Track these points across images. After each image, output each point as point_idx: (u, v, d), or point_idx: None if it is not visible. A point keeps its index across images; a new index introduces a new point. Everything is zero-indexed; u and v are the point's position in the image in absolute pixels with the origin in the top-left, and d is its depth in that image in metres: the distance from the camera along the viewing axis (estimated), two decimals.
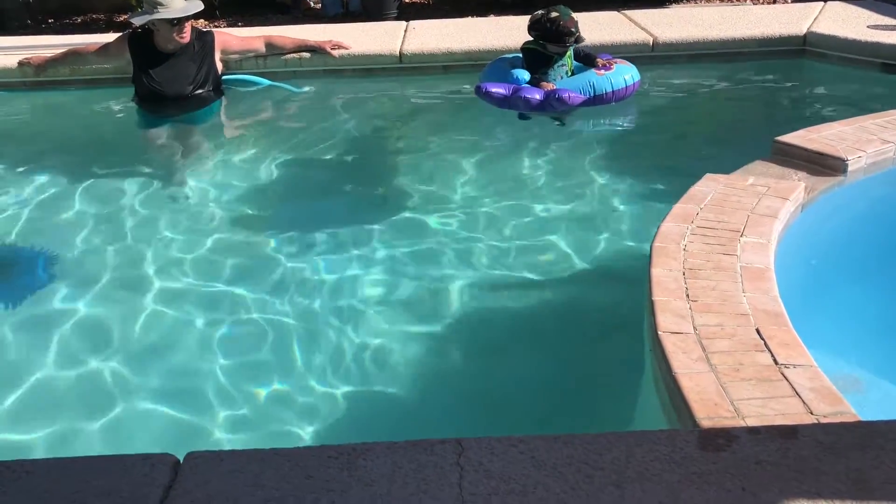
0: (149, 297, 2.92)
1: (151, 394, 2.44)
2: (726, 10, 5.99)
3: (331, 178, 3.97)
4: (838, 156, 2.74)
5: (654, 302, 1.96)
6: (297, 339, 2.66)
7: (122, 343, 2.68)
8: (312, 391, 2.43)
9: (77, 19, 7.84)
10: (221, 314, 2.81)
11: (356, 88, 5.03)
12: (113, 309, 2.86)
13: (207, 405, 2.39)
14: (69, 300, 2.92)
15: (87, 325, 2.79)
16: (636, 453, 1.33)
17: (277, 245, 3.24)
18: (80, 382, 2.51)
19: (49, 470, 1.38)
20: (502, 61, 4.39)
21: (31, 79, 5.00)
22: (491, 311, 2.79)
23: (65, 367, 2.58)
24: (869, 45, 4.73)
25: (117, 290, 2.98)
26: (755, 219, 2.34)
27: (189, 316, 2.81)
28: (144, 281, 3.03)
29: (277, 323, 2.75)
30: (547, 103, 4.10)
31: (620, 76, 4.22)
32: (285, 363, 2.55)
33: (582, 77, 4.21)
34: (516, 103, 4.11)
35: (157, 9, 4.39)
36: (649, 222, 3.17)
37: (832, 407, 1.59)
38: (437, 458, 1.33)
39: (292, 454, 1.37)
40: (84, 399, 2.44)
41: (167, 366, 2.57)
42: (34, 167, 4.06)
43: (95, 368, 2.56)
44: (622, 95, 4.25)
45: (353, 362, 2.54)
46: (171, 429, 2.31)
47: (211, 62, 4.67)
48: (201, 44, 4.64)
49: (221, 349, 2.63)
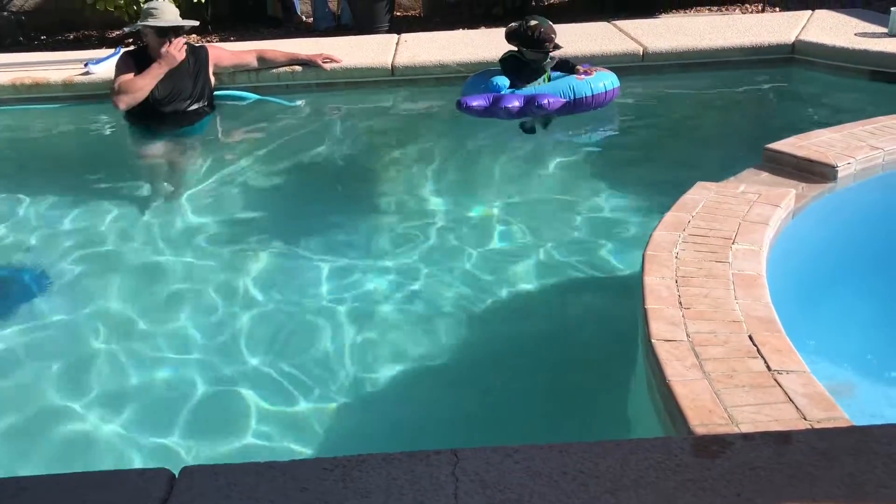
0: (143, 311, 2.91)
1: (146, 408, 2.43)
2: (715, 20, 6.04)
3: (324, 192, 3.98)
4: (828, 162, 2.76)
5: (647, 310, 1.97)
6: (291, 352, 2.66)
7: (116, 357, 2.67)
8: (307, 403, 2.43)
9: (70, 36, 7.85)
10: (215, 328, 2.81)
11: (348, 101, 5.04)
12: (107, 323, 2.86)
13: (202, 419, 2.38)
14: (62, 314, 2.92)
15: (81, 340, 2.78)
16: (631, 461, 1.33)
17: (271, 259, 3.25)
18: (74, 397, 2.50)
19: (44, 486, 1.38)
20: (480, 74, 4.41)
21: (24, 95, 5.00)
22: (484, 321, 2.79)
23: (59, 382, 2.57)
24: (857, 52, 4.77)
25: (111, 305, 2.98)
26: (747, 226, 2.36)
27: (183, 330, 2.80)
28: (138, 296, 3.02)
29: (272, 336, 2.75)
30: (527, 109, 4.11)
31: (600, 81, 4.25)
32: (280, 376, 2.54)
33: (562, 81, 4.24)
34: (497, 112, 4.13)
35: (147, 18, 4.40)
36: (641, 230, 3.20)
37: (825, 412, 1.60)
38: (432, 469, 1.33)
39: (287, 467, 1.37)
40: (79, 414, 2.43)
41: (161, 380, 2.56)
42: (29, 182, 4.06)
43: (90, 383, 2.55)
44: (602, 100, 4.26)
45: (347, 374, 2.54)
46: (166, 443, 2.31)
47: (206, 77, 4.69)
48: (195, 59, 4.64)
49: (216, 363, 2.62)
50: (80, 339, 2.79)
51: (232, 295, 2.99)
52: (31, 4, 8.04)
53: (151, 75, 4.43)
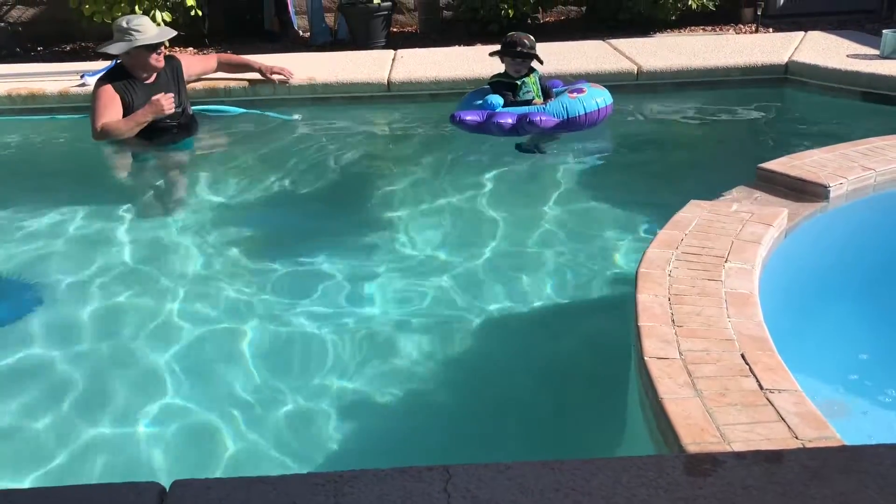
0: (135, 327, 2.91)
1: (137, 422, 2.42)
2: (709, 40, 6.09)
3: (317, 207, 3.99)
4: (820, 182, 2.77)
5: (639, 327, 1.97)
6: (282, 367, 2.66)
7: (106, 372, 2.66)
8: (298, 418, 2.42)
9: (66, 47, 7.87)
10: (205, 342, 2.80)
11: (345, 116, 5.06)
12: (99, 338, 2.85)
13: (194, 433, 2.37)
14: (52, 326, 2.91)
15: (69, 353, 2.77)
16: (623, 479, 1.33)
17: (261, 275, 3.24)
18: (62, 411, 2.48)
19: (35, 499, 1.37)
20: (476, 91, 4.43)
21: (19, 105, 5.00)
22: (478, 337, 2.79)
23: (47, 396, 2.55)
24: (849, 73, 4.82)
25: (103, 320, 2.97)
26: (739, 245, 2.37)
27: (174, 345, 2.79)
28: (129, 312, 3.01)
29: (263, 350, 2.74)
30: (519, 126, 4.13)
31: (592, 99, 4.24)
32: (271, 390, 2.54)
33: (555, 101, 4.25)
34: (490, 128, 4.15)
35: (136, 36, 4.34)
36: (635, 248, 3.21)
37: (817, 432, 1.60)
38: (424, 485, 1.33)
39: (278, 482, 1.36)
40: (70, 427, 2.41)
41: (152, 394, 2.55)
42: (19, 197, 4.05)
43: (80, 397, 2.54)
44: (595, 119, 4.26)
45: (338, 389, 2.53)
46: (157, 456, 2.29)
47: (184, 85, 4.68)
48: (171, 67, 4.62)
49: (207, 377, 2.62)
50: (68, 351, 2.78)
51: (223, 310, 2.98)
52: (27, 16, 8.06)
53: (136, 122, 4.32)
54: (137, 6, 6.59)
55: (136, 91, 4.43)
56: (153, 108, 4.32)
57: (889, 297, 2.63)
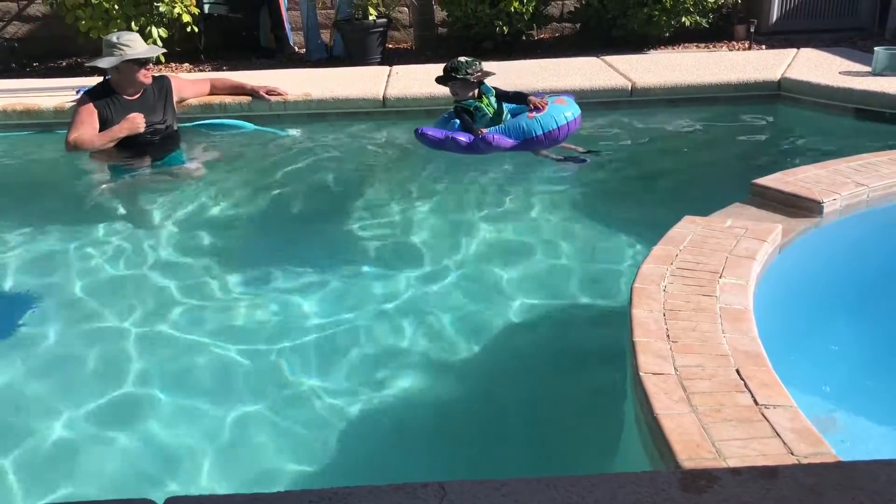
0: (125, 342, 2.89)
1: (130, 438, 2.41)
2: (703, 56, 6.14)
3: (313, 221, 3.99)
4: (814, 198, 2.79)
5: (635, 343, 1.97)
6: (276, 382, 2.65)
7: (97, 387, 2.65)
8: (293, 434, 2.41)
9: (62, 63, 7.89)
10: (198, 357, 2.79)
11: (340, 131, 5.08)
12: (89, 353, 2.83)
13: (187, 449, 2.36)
14: (45, 339, 2.90)
15: (62, 368, 2.76)
16: (619, 495, 1.33)
17: (256, 288, 3.24)
18: (57, 429, 2.47)
19: None
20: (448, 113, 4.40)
21: (16, 121, 5.01)
22: (472, 353, 2.79)
23: (39, 411, 2.54)
24: (841, 90, 4.85)
25: (93, 336, 2.95)
26: (734, 260, 2.37)
27: (167, 359, 2.78)
28: (119, 327, 3.00)
29: (257, 365, 2.73)
30: (475, 145, 4.11)
31: (551, 117, 4.06)
32: (265, 406, 2.53)
33: (513, 120, 4.15)
34: (449, 145, 4.14)
35: (125, 50, 4.39)
36: (629, 264, 3.22)
37: (812, 447, 1.60)
38: (419, 501, 1.32)
39: (272, 499, 1.35)
40: (62, 444, 2.40)
41: (145, 409, 2.54)
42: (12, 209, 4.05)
43: (72, 413, 2.52)
44: (557, 136, 4.10)
45: (332, 405, 2.52)
46: (150, 473, 2.28)
47: (171, 104, 4.70)
48: (159, 86, 4.65)
49: (199, 392, 2.60)
50: (60, 368, 2.76)
51: (216, 325, 2.98)
52: (23, 31, 8.09)
53: (110, 137, 4.39)
54: (134, 22, 6.62)
55: (117, 107, 4.48)
56: (128, 125, 4.41)
57: (883, 311, 2.64)
